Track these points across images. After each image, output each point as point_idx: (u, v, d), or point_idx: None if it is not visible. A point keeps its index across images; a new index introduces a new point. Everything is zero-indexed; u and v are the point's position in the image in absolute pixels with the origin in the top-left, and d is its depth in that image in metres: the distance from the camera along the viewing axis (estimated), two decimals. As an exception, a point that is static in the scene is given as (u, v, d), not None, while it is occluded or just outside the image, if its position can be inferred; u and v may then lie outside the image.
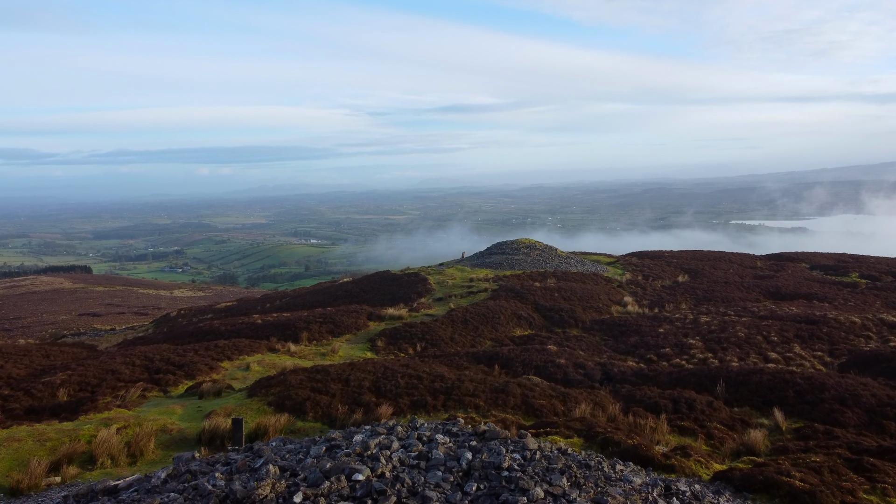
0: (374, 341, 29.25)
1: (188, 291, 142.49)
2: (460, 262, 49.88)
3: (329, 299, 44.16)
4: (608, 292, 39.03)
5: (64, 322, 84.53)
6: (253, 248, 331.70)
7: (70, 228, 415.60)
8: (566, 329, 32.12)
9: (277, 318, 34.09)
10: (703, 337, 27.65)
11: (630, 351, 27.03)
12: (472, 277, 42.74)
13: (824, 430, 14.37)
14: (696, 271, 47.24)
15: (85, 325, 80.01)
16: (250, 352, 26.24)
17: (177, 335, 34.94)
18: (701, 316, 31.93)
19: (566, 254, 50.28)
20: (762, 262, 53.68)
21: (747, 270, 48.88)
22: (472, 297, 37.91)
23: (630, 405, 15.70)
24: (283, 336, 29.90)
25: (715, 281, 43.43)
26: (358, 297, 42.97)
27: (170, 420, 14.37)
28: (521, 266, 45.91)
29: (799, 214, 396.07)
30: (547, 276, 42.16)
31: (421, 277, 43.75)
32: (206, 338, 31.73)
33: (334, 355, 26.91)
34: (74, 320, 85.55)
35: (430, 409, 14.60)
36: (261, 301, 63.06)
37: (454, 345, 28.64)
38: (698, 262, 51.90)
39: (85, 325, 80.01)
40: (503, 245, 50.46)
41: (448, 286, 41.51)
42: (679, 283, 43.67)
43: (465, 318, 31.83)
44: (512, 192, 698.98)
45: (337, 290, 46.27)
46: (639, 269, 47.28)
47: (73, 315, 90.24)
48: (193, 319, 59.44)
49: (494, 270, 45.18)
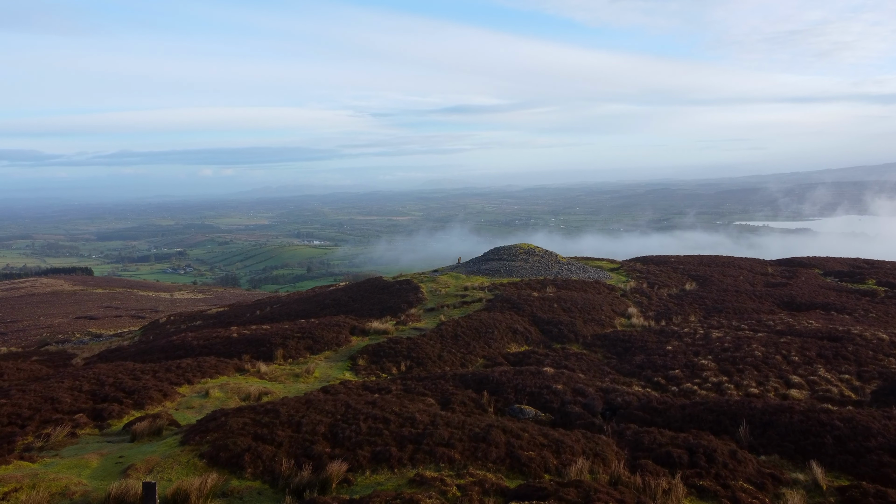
0: (355, 359, 26.61)
1: (188, 294, 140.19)
2: (455, 268, 47.22)
3: (316, 308, 41.58)
4: (611, 302, 36.32)
5: (60, 326, 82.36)
6: (255, 249, 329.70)
7: (74, 230, 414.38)
8: (566, 345, 29.45)
9: (255, 332, 31.50)
10: (716, 356, 24.93)
11: (635, 372, 24.33)
12: (467, 286, 40.06)
13: (875, 491, 11.68)
14: (705, 278, 44.47)
15: (81, 329, 77.76)
16: (215, 373, 23.62)
17: (148, 350, 32.38)
18: (712, 331, 29.21)
19: (567, 260, 47.54)
20: (773, 267, 50.90)
21: (758, 277, 46.10)
22: (466, 307, 35.25)
23: (637, 456, 13.01)
24: (257, 353, 27.30)
25: (725, 289, 40.67)
26: (346, 307, 40.39)
27: (76, 479, 11.73)
28: (519, 273, 43.23)
29: (803, 215, 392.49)
30: (546, 285, 39.48)
31: (413, 286, 41.12)
32: (177, 353, 29.18)
33: (309, 377, 24.28)
34: (70, 324, 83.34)
35: (394, 463, 11.94)
36: (252, 307, 60.64)
37: (442, 363, 26.00)
38: (706, 268, 49.14)
39: (81, 329, 77.76)
40: (500, 251, 47.74)
41: (441, 295, 38.85)
42: (687, 291, 40.94)
43: (455, 332, 29.17)
44: (515, 192, 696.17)
45: (325, 299, 43.68)
46: (644, 277, 44.54)
47: (70, 318, 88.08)
48: (182, 326, 57.09)
49: (490, 278, 42.51)
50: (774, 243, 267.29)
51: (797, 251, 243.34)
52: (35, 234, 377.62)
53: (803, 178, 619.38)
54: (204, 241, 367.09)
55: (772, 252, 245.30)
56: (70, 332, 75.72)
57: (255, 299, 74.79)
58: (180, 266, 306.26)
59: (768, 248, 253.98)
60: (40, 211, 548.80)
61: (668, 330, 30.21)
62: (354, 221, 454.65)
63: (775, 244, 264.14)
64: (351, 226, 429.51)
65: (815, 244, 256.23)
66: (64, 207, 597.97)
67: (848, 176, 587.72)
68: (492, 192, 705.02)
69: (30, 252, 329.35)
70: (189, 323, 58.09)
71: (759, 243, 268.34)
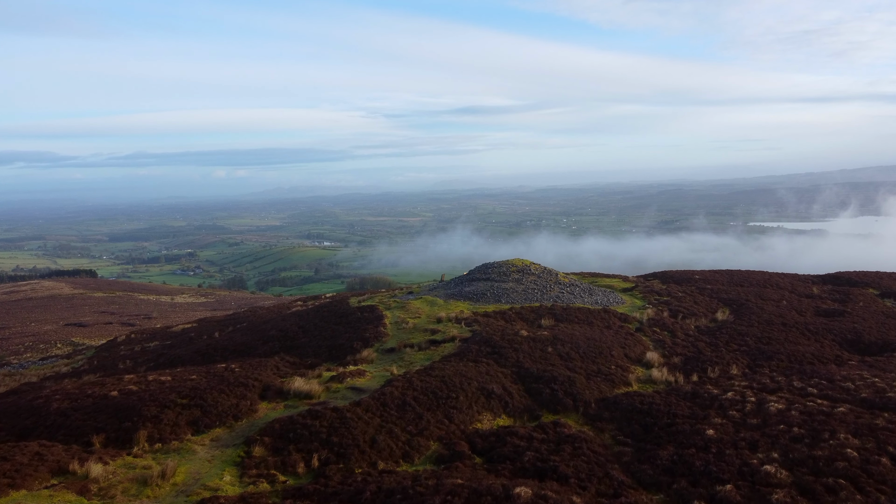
0: (251, 445, 17.92)
1: (190, 297, 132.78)
2: (434, 289, 38.29)
3: (259, 342, 33.04)
4: (624, 342, 27.36)
5: (45, 334, 75.37)
6: (265, 250, 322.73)
7: (86, 231, 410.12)
8: (560, 415, 20.58)
9: (145, 389, 22.92)
10: (785, 454, 15.97)
11: (662, 481, 15.47)
12: (441, 317, 31.19)
13: None
14: (740, 304, 35.32)
15: (66, 338, 70.91)
16: (14, 484, 15.06)
17: (8, 410, 23.88)
18: (768, 398, 20.18)
19: (569, 279, 38.40)
20: (819, 287, 41.62)
21: (805, 302, 36.86)
22: (433, 350, 26.47)
23: None
24: (116, 432, 18.69)
25: (768, 320, 31.50)
26: (292, 341, 31.81)
27: None
28: (510, 298, 34.33)
29: (817, 216, 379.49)
30: (541, 315, 30.60)
31: (377, 314, 32.40)
32: (25, 423, 20.70)
33: (163, 485, 15.64)
34: (57, 332, 76.39)
35: None
36: (221, 324, 52.95)
37: (374, 455, 17.25)
38: (739, 287, 40.03)
39: (66, 338, 70.91)
40: (489, 268, 38.67)
41: (407, 329, 30.09)
42: (720, 322, 31.86)
43: (404, 397, 20.37)
44: (526, 193, 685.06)
45: (272, 329, 35.04)
46: (663, 302, 35.44)
47: (59, 325, 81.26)
48: (136, 348, 49.57)
49: (474, 304, 33.66)
50: (789, 245, 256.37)
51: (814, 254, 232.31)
52: (48, 235, 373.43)
53: (818, 178, 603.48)
54: (215, 242, 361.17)
55: (789, 254, 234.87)
56: (52, 343, 68.58)
57: (225, 316, 66.69)
58: (189, 267, 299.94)
59: (783, 251, 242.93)
60: (55, 212, 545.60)
61: (704, 393, 21.19)
62: (365, 222, 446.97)
63: (790, 246, 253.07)
64: (362, 227, 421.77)
65: (830, 246, 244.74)
66: (78, 209, 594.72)
67: (863, 176, 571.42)
68: (503, 193, 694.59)
69: (41, 253, 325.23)
70: (144, 344, 50.60)
71: (773, 245, 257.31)
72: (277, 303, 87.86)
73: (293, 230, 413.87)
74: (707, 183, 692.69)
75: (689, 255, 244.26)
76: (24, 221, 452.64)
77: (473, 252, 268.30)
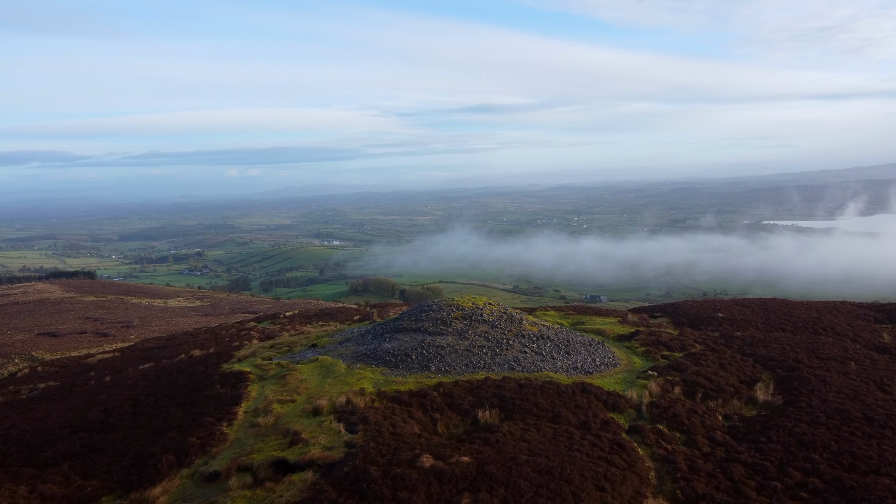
0: None
1: (184, 301, 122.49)
2: (345, 343, 26.22)
3: (68, 430, 21.60)
4: (606, 471, 15.42)
5: (13, 345, 66.61)
6: (274, 250, 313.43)
7: (98, 230, 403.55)
8: None
9: None
10: None
11: None
12: (322, 405, 19.30)
13: None
14: (788, 367, 23.15)
15: (28, 351, 61.78)
16: None
17: None
18: None
19: (539, 328, 25.97)
20: (888, 332, 29.32)
21: (882, 362, 24.60)
22: (270, 489, 14.77)
23: None
24: None
25: (840, 408, 19.34)
26: (104, 434, 20.36)
27: None
28: (444, 363, 22.42)
29: (832, 214, 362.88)
30: (481, 402, 18.74)
31: (237, 392, 20.73)
32: None
33: None
34: (26, 342, 67.35)
35: None
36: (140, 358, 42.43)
37: None
38: (780, 333, 27.89)
39: (28, 351, 61.78)
40: (426, 311, 26.22)
41: (261, 430, 18.35)
42: (762, 407, 19.79)
43: None
44: (538, 192, 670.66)
45: (94, 407, 23.46)
46: (675, 365, 23.31)
47: (32, 334, 72.65)
48: (10, 388, 38.79)
49: (388, 373, 21.81)
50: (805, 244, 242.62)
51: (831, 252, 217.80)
52: (59, 234, 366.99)
53: (832, 176, 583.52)
54: (224, 241, 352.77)
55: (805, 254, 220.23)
56: (9, 357, 59.48)
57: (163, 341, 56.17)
58: (197, 267, 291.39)
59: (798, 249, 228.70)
60: (67, 211, 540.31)
61: None
62: (375, 221, 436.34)
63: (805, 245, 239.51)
64: (372, 226, 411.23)
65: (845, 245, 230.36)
66: (91, 208, 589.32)
67: (879, 174, 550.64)
68: (515, 192, 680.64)
69: (51, 252, 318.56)
70: (31, 384, 39.61)
71: (784, 244, 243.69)
72: (240, 320, 77.64)
73: (303, 229, 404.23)
74: (720, 181, 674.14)
75: (689, 256, 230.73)
76: (37, 220, 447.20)
77: (474, 252, 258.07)
